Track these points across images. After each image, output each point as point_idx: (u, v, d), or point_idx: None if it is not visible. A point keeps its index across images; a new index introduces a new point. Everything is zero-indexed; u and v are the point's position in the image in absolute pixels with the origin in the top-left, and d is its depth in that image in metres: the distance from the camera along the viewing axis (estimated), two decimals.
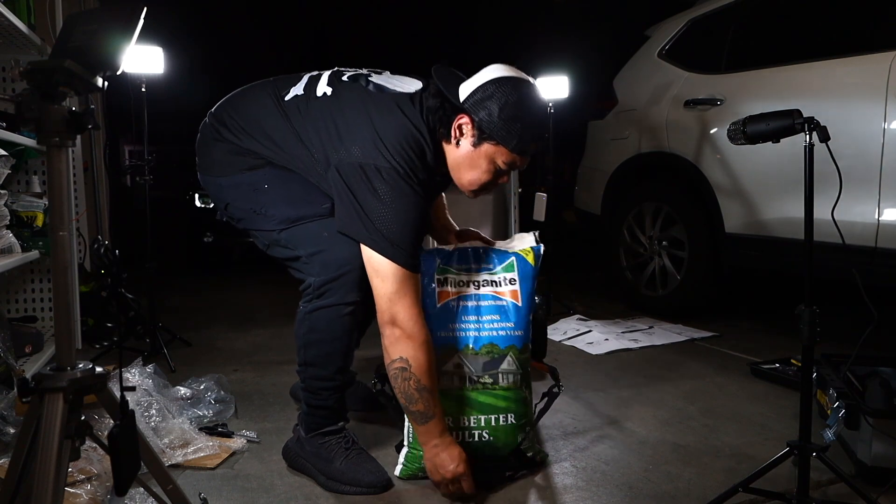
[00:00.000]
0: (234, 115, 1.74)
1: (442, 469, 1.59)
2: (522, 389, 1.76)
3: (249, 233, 1.79)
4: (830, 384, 1.86)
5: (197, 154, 1.82)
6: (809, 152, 1.42)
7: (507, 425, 1.73)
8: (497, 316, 1.77)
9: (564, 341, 3.14)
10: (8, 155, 2.36)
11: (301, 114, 1.67)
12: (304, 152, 1.65)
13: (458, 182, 1.67)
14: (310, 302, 1.65)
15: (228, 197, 1.75)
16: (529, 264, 1.83)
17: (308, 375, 1.70)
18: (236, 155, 1.70)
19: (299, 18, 6.67)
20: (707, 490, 1.63)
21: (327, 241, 1.63)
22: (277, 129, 1.68)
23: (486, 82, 1.53)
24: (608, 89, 4.07)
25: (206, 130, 1.78)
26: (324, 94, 1.68)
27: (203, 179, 1.81)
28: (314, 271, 1.64)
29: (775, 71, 2.97)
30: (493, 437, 1.72)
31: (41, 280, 2.88)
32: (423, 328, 1.58)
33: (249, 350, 2.99)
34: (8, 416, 1.78)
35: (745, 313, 3.69)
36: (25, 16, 2.52)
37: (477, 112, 1.53)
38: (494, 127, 1.52)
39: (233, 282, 4.90)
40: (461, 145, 1.58)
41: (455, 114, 1.56)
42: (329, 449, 1.68)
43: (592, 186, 4.10)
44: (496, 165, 1.59)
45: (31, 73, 0.98)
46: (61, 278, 1.08)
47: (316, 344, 1.66)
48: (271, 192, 1.68)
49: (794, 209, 2.75)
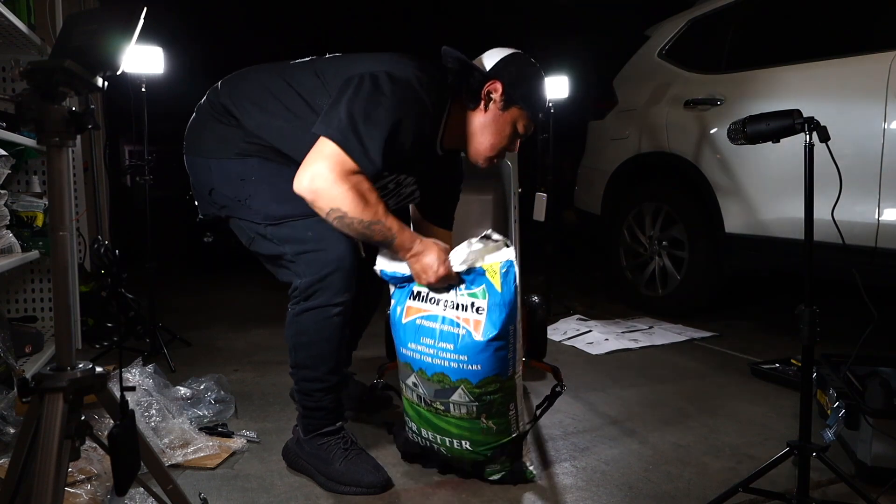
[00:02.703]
0: (232, 83, 1.74)
1: (429, 271, 1.57)
2: (482, 420, 1.61)
3: (231, 224, 1.74)
4: (830, 384, 1.86)
5: (187, 135, 1.78)
6: (809, 152, 1.42)
7: (464, 450, 1.65)
8: (450, 345, 1.58)
9: (564, 341, 3.14)
10: (8, 155, 2.36)
11: (307, 67, 1.69)
12: (296, 112, 1.63)
13: (477, 147, 1.74)
14: (297, 304, 1.64)
15: (215, 181, 1.70)
16: (497, 292, 1.55)
17: (300, 377, 1.69)
18: (229, 138, 1.67)
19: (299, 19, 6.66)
20: (707, 490, 1.63)
21: (313, 241, 1.61)
22: (274, 89, 1.67)
23: (507, 56, 1.70)
24: (608, 89, 4.07)
25: (201, 108, 1.77)
26: (334, 55, 1.74)
27: (190, 161, 1.77)
28: (300, 270, 1.62)
29: (775, 71, 2.97)
30: (451, 456, 1.69)
31: (41, 280, 2.88)
32: (340, 179, 1.49)
33: (249, 350, 2.99)
34: (8, 416, 1.78)
35: (745, 313, 3.69)
36: (25, 16, 2.52)
37: (505, 79, 1.67)
38: (521, 93, 1.68)
39: (233, 282, 4.90)
40: (489, 109, 1.70)
41: (485, 80, 1.67)
42: (328, 450, 1.68)
43: (592, 186, 4.10)
44: (515, 130, 1.73)
45: (31, 73, 0.98)
46: (61, 278, 1.08)
47: (305, 346, 1.65)
48: (259, 186, 1.65)
49: (794, 209, 2.75)
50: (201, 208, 1.81)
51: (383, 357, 2.58)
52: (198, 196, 1.79)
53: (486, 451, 1.64)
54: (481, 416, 1.60)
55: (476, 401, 1.58)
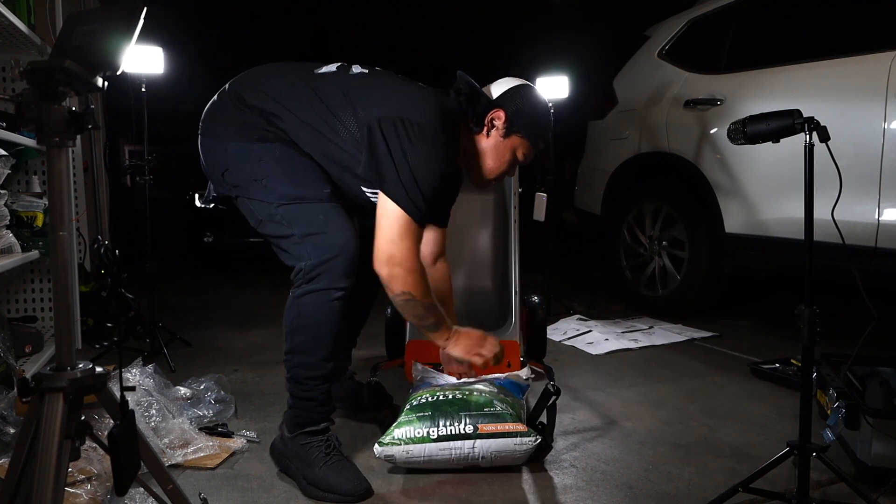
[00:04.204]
0: (260, 83, 1.75)
1: (473, 345, 1.77)
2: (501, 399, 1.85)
3: (240, 205, 1.76)
4: (830, 384, 1.86)
5: (206, 119, 1.79)
6: (809, 152, 1.42)
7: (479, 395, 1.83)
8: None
9: (564, 341, 3.14)
10: (8, 155, 2.36)
11: (334, 83, 1.73)
12: (324, 120, 1.68)
13: (479, 169, 1.85)
14: (299, 287, 1.65)
15: (230, 162, 1.72)
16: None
17: (294, 364, 1.69)
18: (252, 124, 1.70)
19: (300, 18, 6.67)
20: (707, 490, 1.63)
21: (322, 224, 1.65)
22: (303, 97, 1.70)
23: (513, 87, 1.81)
24: (608, 89, 4.07)
25: (225, 96, 1.78)
26: (360, 73, 1.78)
27: (206, 144, 1.78)
28: (305, 252, 1.64)
29: (775, 71, 2.97)
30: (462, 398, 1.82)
31: (41, 280, 2.88)
32: (417, 262, 1.66)
33: (249, 350, 2.99)
34: (8, 416, 1.78)
35: (745, 313, 3.69)
36: (25, 16, 2.52)
37: (509, 108, 1.78)
38: (522, 122, 1.79)
39: (233, 282, 4.90)
40: (491, 135, 1.81)
41: (491, 108, 1.78)
42: (310, 451, 1.67)
43: (592, 186, 4.10)
44: (515, 156, 1.84)
45: (31, 73, 0.98)
46: (61, 278, 1.08)
47: (303, 329, 1.66)
48: (276, 167, 1.69)
49: (794, 209, 2.75)
50: (213, 188, 1.85)
51: (383, 356, 2.58)
52: (209, 177, 1.82)
53: (500, 402, 1.79)
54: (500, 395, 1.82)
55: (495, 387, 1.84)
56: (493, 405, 1.75)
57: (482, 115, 1.79)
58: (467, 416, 1.71)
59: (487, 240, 2.85)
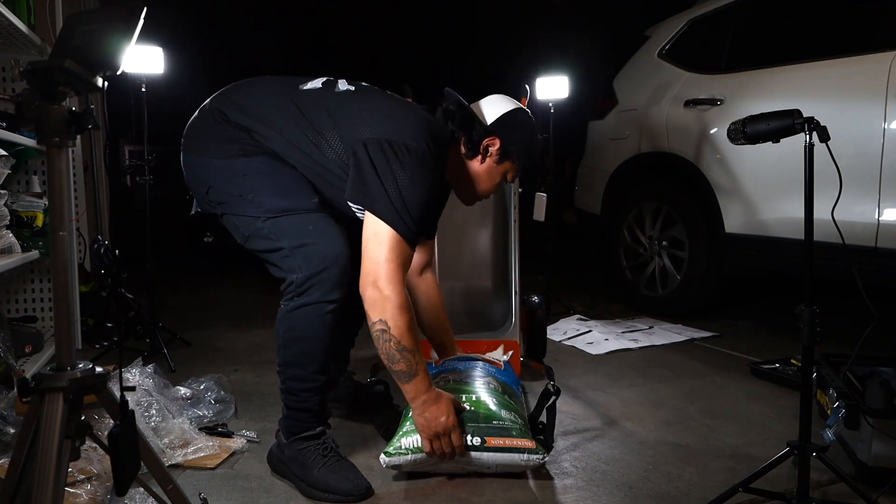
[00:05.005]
0: (243, 99, 1.74)
1: (434, 423, 1.62)
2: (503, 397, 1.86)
3: (226, 221, 1.74)
4: (830, 384, 1.86)
5: (188, 135, 1.78)
6: (809, 152, 1.42)
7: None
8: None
9: (564, 341, 3.14)
10: (8, 155, 2.36)
11: (320, 101, 1.71)
12: (309, 139, 1.66)
13: (471, 190, 1.87)
14: (291, 300, 1.64)
15: (214, 179, 1.71)
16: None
17: (288, 376, 1.68)
18: (235, 139, 1.68)
19: (300, 19, 6.67)
20: (707, 490, 1.63)
21: (312, 235, 1.63)
22: (288, 115, 1.69)
23: (507, 113, 1.81)
24: (608, 89, 4.07)
25: (207, 113, 1.76)
26: (346, 90, 1.76)
27: (189, 160, 1.76)
28: (296, 265, 1.62)
29: (775, 71, 2.97)
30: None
31: (41, 280, 2.88)
32: (402, 292, 1.59)
33: (249, 350, 2.99)
34: (8, 416, 1.78)
35: (745, 313, 3.69)
36: (25, 16, 2.52)
37: (504, 136, 1.79)
38: (516, 150, 1.81)
39: (233, 282, 4.90)
40: (486, 161, 1.82)
41: (486, 135, 1.78)
42: (307, 455, 1.66)
43: (592, 186, 4.10)
44: (504, 178, 1.87)
45: (31, 73, 0.98)
46: (61, 278, 1.08)
47: (296, 342, 1.65)
48: (262, 180, 1.66)
49: (794, 209, 2.75)
50: (196, 205, 1.83)
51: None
52: (193, 193, 1.81)
53: (507, 411, 1.76)
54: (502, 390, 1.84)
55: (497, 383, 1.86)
56: (500, 417, 1.71)
57: (477, 141, 1.79)
58: (475, 429, 1.68)
59: (487, 240, 2.85)
